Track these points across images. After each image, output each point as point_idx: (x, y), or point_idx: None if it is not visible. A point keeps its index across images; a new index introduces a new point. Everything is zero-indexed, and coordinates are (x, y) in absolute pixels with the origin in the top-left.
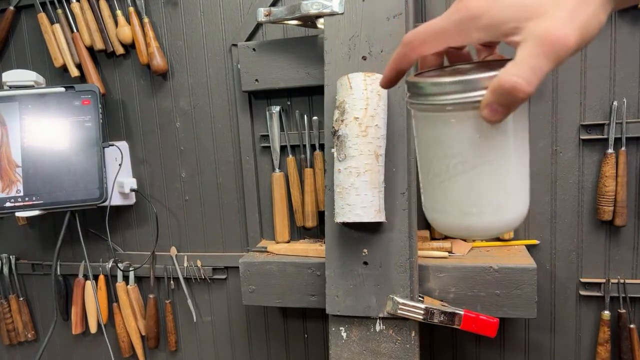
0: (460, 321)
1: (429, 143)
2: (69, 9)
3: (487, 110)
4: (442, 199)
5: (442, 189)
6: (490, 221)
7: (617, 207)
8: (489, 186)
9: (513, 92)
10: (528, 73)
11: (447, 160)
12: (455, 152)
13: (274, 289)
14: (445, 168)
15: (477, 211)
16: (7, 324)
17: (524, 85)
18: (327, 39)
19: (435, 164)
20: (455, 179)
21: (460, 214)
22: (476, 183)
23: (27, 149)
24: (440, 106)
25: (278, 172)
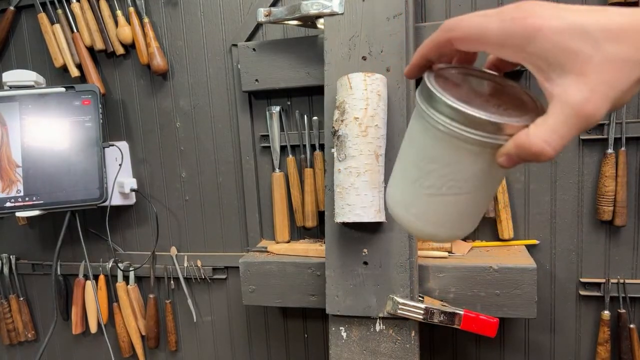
0: (460, 321)
1: (432, 157)
2: (69, 9)
3: (505, 159)
4: (422, 207)
5: (428, 200)
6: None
7: (617, 207)
8: (470, 210)
9: (538, 155)
10: (557, 141)
11: (448, 180)
12: (459, 177)
13: (274, 289)
14: (441, 184)
15: (448, 226)
16: (7, 324)
17: (550, 152)
18: (327, 39)
19: (433, 177)
20: (446, 197)
21: (433, 225)
22: (463, 206)
23: (27, 149)
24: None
25: (278, 172)
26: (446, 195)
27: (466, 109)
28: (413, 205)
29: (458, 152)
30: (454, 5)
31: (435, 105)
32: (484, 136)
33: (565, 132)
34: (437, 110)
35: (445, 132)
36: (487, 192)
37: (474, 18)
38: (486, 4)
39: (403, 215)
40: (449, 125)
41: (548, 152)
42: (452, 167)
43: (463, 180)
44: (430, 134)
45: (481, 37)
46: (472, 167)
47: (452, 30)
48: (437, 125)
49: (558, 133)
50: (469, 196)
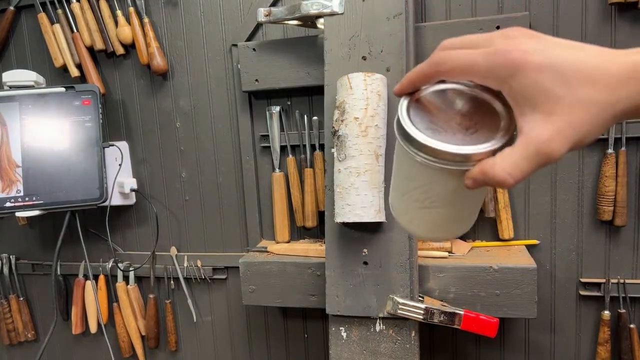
0: (460, 321)
1: (413, 178)
2: (69, 9)
3: (471, 182)
4: (415, 216)
5: (418, 211)
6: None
7: (617, 207)
8: (459, 218)
9: (500, 183)
10: (517, 174)
11: (429, 196)
12: (438, 194)
13: (274, 289)
14: (424, 199)
15: (439, 232)
16: (7, 324)
17: (510, 182)
18: (327, 39)
19: (417, 193)
20: (432, 210)
21: (427, 231)
22: (450, 216)
23: (27, 149)
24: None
25: (278, 172)
26: (430, 208)
27: (432, 144)
28: (406, 214)
29: (432, 175)
30: (454, 5)
31: (406, 137)
32: (452, 165)
33: (526, 167)
34: (408, 141)
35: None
36: (469, 204)
37: (461, 53)
38: (486, 5)
39: (400, 221)
40: (420, 155)
41: (509, 183)
42: (429, 186)
43: (442, 197)
44: (407, 158)
45: (467, 70)
46: (446, 187)
47: (440, 65)
48: (410, 155)
49: (519, 167)
50: (452, 209)
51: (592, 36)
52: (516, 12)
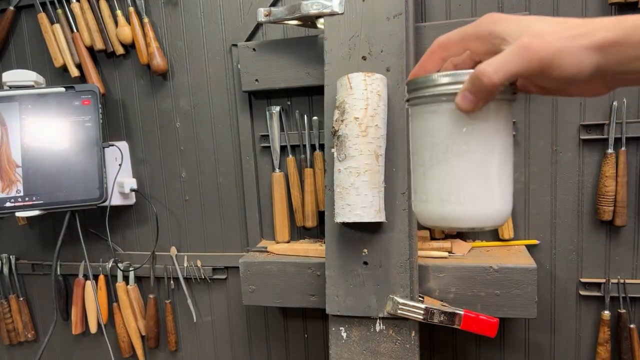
0: (460, 321)
1: (419, 135)
2: (69, 9)
3: (460, 97)
4: (424, 187)
5: (424, 178)
6: (467, 210)
7: (617, 207)
8: (466, 175)
9: (480, 77)
10: (496, 65)
11: (430, 149)
12: (437, 141)
13: (274, 289)
14: (428, 157)
15: (454, 199)
16: (7, 324)
17: (490, 72)
18: (327, 39)
19: (420, 154)
20: (435, 167)
21: (440, 201)
22: (454, 170)
23: (27, 149)
24: (429, 97)
25: (278, 172)
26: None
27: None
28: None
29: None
30: (454, 5)
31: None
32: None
33: (505, 59)
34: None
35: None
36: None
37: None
38: (486, 5)
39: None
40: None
41: (488, 72)
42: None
43: (441, 144)
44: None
45: (459, 34)
46: (446, 126)
47: (439, 39)
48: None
49: (498, 59)
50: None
51: None
52: (516, 12)
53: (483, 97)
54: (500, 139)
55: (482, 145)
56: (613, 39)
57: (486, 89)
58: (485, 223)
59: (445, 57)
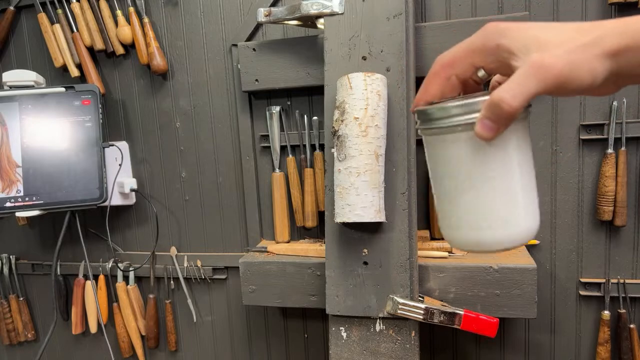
0: (460, 321)
1: (438, 164)
2: (69, 9)
3: (480, 126)
4: (453, 215)
5: (452, 206)
6: (499, 235)
7: (617, 207)
8: (494, 201)
9: (499, 104)
10: (514, 89)
11: (455, 178)
12: (462, 170)
13: (274, 289)
14: (454, 186)
15: (485, 225)
16: (7, 324)
17: (508, 99)
18: (327, 39)
19: (445, 183)
20: (463, 195)
21: (470, 229)
22: (482, 198)
23: (27, 149)
24: (445, 128)
25: (278, 172)
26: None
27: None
28: (448, 217)
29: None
30: (454, 5)
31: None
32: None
33: (521, 82)
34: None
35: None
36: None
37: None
38: (486, 5)
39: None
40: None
41: (506, 99)
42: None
43: (467, 172)
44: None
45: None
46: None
47: (442, 58)
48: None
49: (515, 82)
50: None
51: None
52: (516, 12)
53: (504, 123)
54: (522, 156)
55: (506, 167)
56: (624, 45)
57: (506, 116)
58: (518, 242)
59: (450, 75)
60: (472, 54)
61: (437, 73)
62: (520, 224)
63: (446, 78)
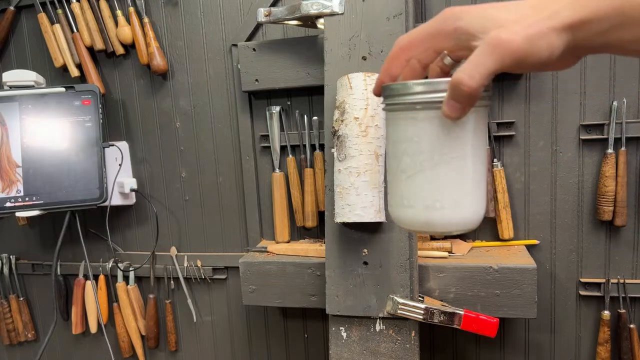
0: (460, 321)
1: (399, 140)
2: (69, 9)
3: (446, 107)
4: (407, 194)
5: (408, 184)
6: (449, 216)
7: (617, 207)
8: (451, 182)
9: (459, 86)
10: (472, 69)
11: (415, 156)
12: (423, 149)
13: (274, 289)
14: (412, 163)
15: (439, 205)
16: (7, 324)
17: (466, 79)
18: (327, 39)
19: (404, 160)
20: (421, 174)
21: (424, 208)
22: (440, 178)
23: (27, 149)
24: (410, 104)
25: (278, 172)
26: (420, 171)
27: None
28: (401, 197)
29: (415, 124)
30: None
31: (386, 92)
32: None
33: (478, 60)
34: (388, 96)
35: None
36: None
37: (413, 30)
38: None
39: (399, 213)
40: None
41: (464, 79)
42: (414, 141)
43: (428, 152)
44: (393, 122)
45: (422, 34)
46: (430, 134)
47: (399, 41)
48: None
49: (472, 62)
50: (442, 165)
51: None
52: None
53: (467, 102)
54: (479, 141)
55: (464, 150)
56: (581, 18)
57: (467, 96)
58: (466, 226)
59: (409, 58)
60: (429, 38)
61: (396, 55)
62: (470, 208)
63: (405, 60)
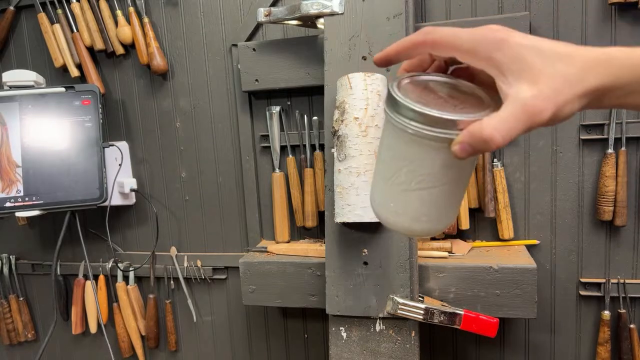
0: (460, 321)
1: (400, 156)
2: (69, 9)
3: (459, 148)
4: (400, 203)
5: (403, 196)
6: (431, 228)
7: (617, 207)
8: (443, 202)
9: (488, 142)
10: (505, 131)
11: (416, 175)
12: (425, 172)
13: (274, 289)
14: (410, 180)
15: (425, 219)
16: (7, 324)
17: (499, 139)
18: (327, 39)
19: (403, 174)
20: (418, 192)
21: (412, 219)
22: (435, 198)
23: (27, 149)
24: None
25: (278, 172)
26: (417, 190)
27: (423, 110)
28: (391, 202)
29: (420, 149)
30: (454, 5)
31: (397, 109)
32: (441, 132)
33: (513, 124)
34: (399, 113)
35: (407, 132)
36: (456, 186)
37: (448, 29)
38: (486, 4)
39: (385, 214)
40: (410, 125)
41: (497, 139)
42: (417, 163)
43: (428, 175)
44: (396, 135)
45: (454, 42)
46: (434, 162)
47: (429, 34)
48: (399, 126)
49: (507, 123)
50: (438, 189)
51: (592, 36)
52: (516, 12)
53: (482, 151)
54: (472, 168)
55: (461, 177)
56: (603, 85)
57: (489, 149)
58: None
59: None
60: (459, 50)
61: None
62: (449, 221)
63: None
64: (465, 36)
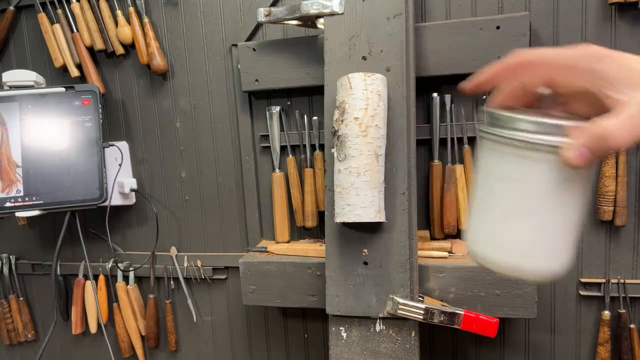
0: (460, 321)
1: (500, 178)
2: (69, 9)
3: (575, 153)
4: (503, 235)
5: (506, 226)
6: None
7: (617, 207)
8: (553, 231)
9: (606, 139)
10: (625, 129)
11: (518, 199)
12: (529, 194)
13: (274, 289)
14: (513, 206)
15: (536, 253)
16: (7, 324)
17: (618, 136)
18: (327, 39)
19: (503, 200)
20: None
21: (519, 253)
22: (543, 226)
23: (27, 149)
24: (528, 144)
25: (278, 172)
26: (526, 216)
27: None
28: (496, 236)
29: (524, 163)
30: (454, 5)
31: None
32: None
33: (633, 125)
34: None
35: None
36: (564, 212)
37: (544, 49)
38: (486, 4)
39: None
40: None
41: (615, 136)
42: (519, 182)
43: (533, 198)
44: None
45: (550, 59)
46: (544, 179)
47: (522, 55)
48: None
49: (628, 122)
50: (544, 217)
51: (592, 36)
52: (516, 12)
53: (601, 156)
54: (586, 194)
55: (573, 202)
56: None
57: (608, 151)
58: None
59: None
60: (556, 67)
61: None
62: (565, 259)
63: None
64: (562, 53)
